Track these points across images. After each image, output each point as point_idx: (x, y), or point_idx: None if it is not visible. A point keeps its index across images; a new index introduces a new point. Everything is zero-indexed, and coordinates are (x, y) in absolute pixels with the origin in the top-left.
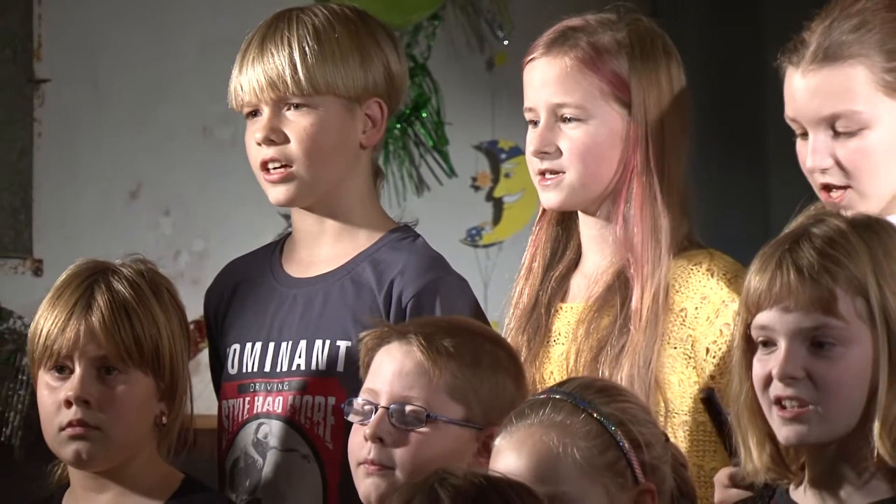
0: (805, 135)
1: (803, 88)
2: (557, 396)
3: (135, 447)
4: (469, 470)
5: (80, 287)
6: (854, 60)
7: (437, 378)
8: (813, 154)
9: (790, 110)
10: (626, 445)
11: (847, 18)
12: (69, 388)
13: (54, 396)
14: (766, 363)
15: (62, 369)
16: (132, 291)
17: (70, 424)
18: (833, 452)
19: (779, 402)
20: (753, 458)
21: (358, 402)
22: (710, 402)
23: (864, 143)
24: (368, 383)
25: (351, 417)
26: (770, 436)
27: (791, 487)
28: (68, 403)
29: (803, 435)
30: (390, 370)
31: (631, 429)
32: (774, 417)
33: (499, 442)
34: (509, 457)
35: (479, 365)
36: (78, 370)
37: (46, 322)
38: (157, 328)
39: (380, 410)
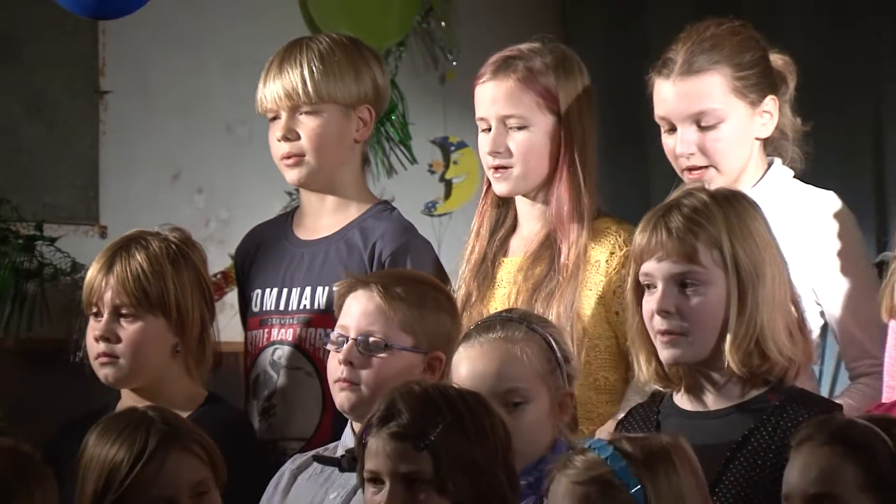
0: (672, 130)
1: (674, 93)
2: (513, 318)
3: (157, 371)
4: (432, 381)
5: (107, 253)
6: (713, 71)
7: (393, 316)
8: (681, 144)
9: (661, 111)
10: (560, 358)
11: (704, 41)
12: (97, 328)
13: (91, 334)
14: (650, 302)
15: (97, 315)
16: (145, 254)
17: (99, 355)
18: (699, 368)
19: (660, 332)
20: (644, 370)
21: (333, 335)
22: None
23: (721, 134)
24: (341, 321)
25: (328, 346)
26: (655, 355)
27: (673, 393)
28: (96, 340)
29: (678, 356)
30: (357, 310)
31: (563, 346)
32: (658, 343)
33: (462, 352)
34: (475, 361)
35: (424, 306)
36: (105, 314)
37: (87, 279)
38: (164, 281)
39: (350, 341)
